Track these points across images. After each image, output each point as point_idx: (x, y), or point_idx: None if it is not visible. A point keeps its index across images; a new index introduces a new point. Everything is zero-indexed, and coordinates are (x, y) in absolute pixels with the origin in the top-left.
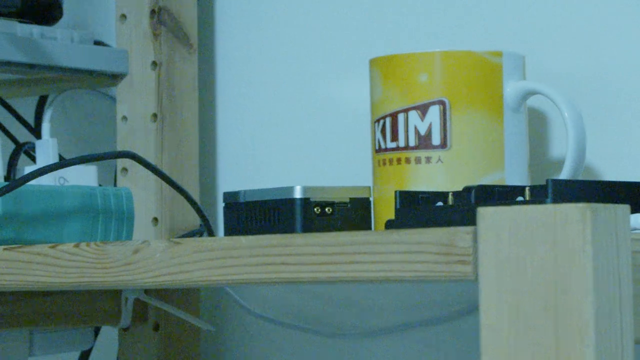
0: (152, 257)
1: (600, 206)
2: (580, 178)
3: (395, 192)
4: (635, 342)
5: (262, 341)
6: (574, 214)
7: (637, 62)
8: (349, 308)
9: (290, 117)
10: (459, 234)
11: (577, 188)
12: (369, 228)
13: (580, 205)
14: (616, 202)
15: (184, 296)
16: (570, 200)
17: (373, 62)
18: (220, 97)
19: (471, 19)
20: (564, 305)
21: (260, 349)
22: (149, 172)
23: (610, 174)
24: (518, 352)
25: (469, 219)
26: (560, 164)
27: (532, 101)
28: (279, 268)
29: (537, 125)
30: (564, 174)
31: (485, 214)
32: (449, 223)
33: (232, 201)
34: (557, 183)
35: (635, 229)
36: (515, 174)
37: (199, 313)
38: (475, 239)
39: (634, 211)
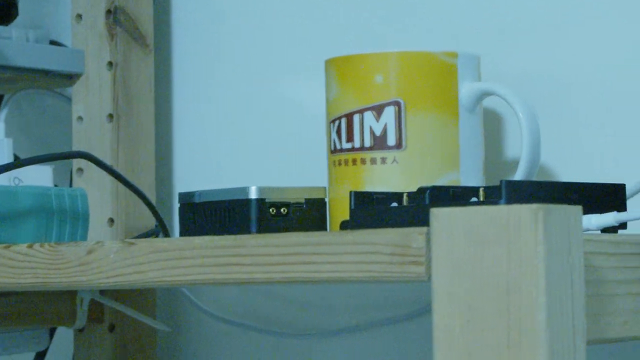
0: (106, 257)
1: (553, 207)
2: (535, 178)
3: (350, 192)
4: (587, 342)
5: (218, 342)
6: (526, 215)
7: (591, 63)
8: (305, 308)
9: (247, 117)
10: (412, 235)
11: (531, 189)
12: (325, 229)
13: (533, 206)
14: (570, 203)
15: (140, 297)
16: (524, 201)
17: (329, 63)
18: (176, 98)
19: (427, 19)
20: (517, 306)
21: (216, 349)
22: (105, 173)
23: (565, 174)
24: (471, 352)
25: (423, 220)
26: (515, 164)
27: (487, 102)
28: (232, 269)
29: (493, 126)
30: (519, 175)
31: (439, 214)
32: (403, 224)
33: (188, 201)
34: (511, 184)
35: (588, 230)
36: (471, 175)
37: (155, 314)
38: (428, 240)
39: (586, 212)
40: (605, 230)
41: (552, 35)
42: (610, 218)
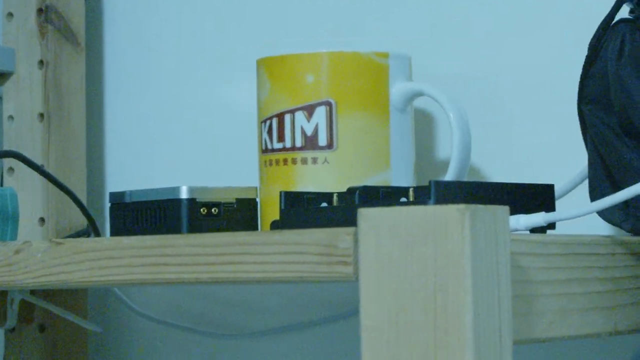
0: (33, 257)
1: (479, 207)
2: (465, 179)
3: (280, 192)
4: (514, 342)
5: (150, 342)
6: (453, 215)
7: (521, 64)
8: (236, 308)
9: (179, 117)
10: (340, 235)
11: (460, 189)
12: (256, 229)
13: (460, 206)
14: (499, 204)
15: (71, 297)
16: (453, 202)
17: (260, 63)
18: (108, 97)
19: (358, 20)
20: (443, 306)
21: (147, 349)
22: (36, 172)
23: (496, 175)
24: (398, 352)
25: (353, 220)
26: (447, 164)
27: (418, 102)
28: (160, 269)
29: (424, 126)
30: (449, 175)
31: (366, 214)
32: (333, 224)
33: (118, 201)
34: (440, 184)
35: (515, 230)
36: (402, 175)
37: (86, 314)
38: (356, 240)
39: (516, 212)
40: (534, 230)
41: (483, 37)
42: (539, 218)
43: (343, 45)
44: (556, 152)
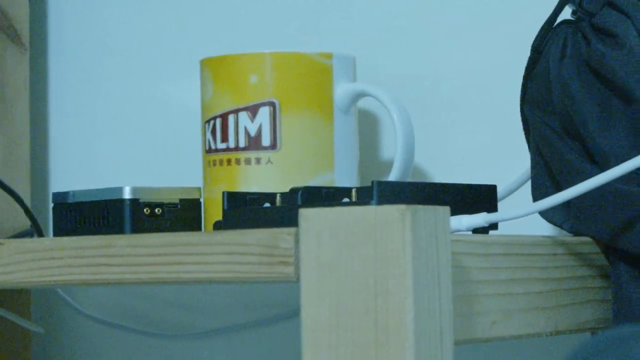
0: None
1: (420, 208)
2: (409, 179)
3: (223, 193)
4: (455, 342)
5: (94, 342)
6: (393, 216)
7: (465, 65)
8: (182, 308)
9: (123, 117)
10: (281, 236)
11: (403, 190)
12: (199, 229)
13: (400, 206)
14: (442, 204)
15: (13, 297)
16: (395, 202)
17: (204, 63)
18: (52, 97)
19: (303, 20)
20: (384, 306)
21: (92, 350)
22: None
23: (440, 175)
24: (339, 352)
25: (295, 221)
26: (391, 165)
27: (363, 102)
28: (101, 269)
29: (368, 127)
30: (393, 176)
31: (307, 215)
32: (275, 224)
33: (61, 202)
34: (382, 184)
35: (458, 231)
36: (345, 175)
37: (29, 315)
38: (297, 240)
39: (458, 213)
40: (477, 231)
41: (427, 38)
42: (480, 219)
43: (287, 45)
44: (500, 153)
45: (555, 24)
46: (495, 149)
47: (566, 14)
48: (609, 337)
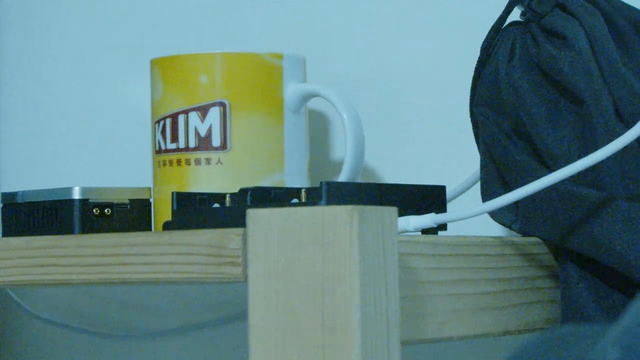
0: None
1: (367, 208)
2: (359, 180)
3: (172, 193)
4: (403, 343)
5: (45, 344)
6: (341, 216)
7: (414, 66)
8: (133, 309)
9: (73, 117)
10: (229, 236)
11: (352, 190)
12: (149, 229)
13: (348, 207)
14: (390, 205)
15: None
16: (344, 203)
17: (154, 63)
18: (1, 96)
19: (253, 21)
20: (331, 307)
21: (42, 351)
22: None
23: (390, 176)
24: (286, 352)
25: (244, 221)
26: (341, 165)
27: (313, 103)
28: (50, 269)
29: (319, 127)
30: (343, 176)
31: (254, 215)
32: (224, 225)
33: (10, 202)
34: (331, 185)
35: (406, 231)
36: (295, 176)
37: None
38: (245, 241)
39: (406, 213)
40: (426, 231)
41: (378, 38)
42: (428, 219)
43: (237, 46)
44: (450, 154)
45: (505, 25)
46: (446, 150)
47: (515, 15)
48: (550, 337)
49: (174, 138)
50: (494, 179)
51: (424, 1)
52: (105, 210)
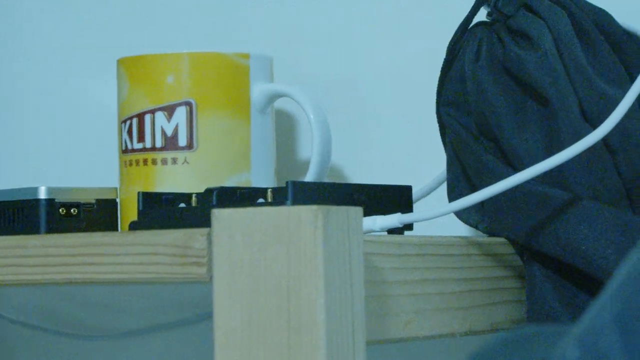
0: None
1: (332, 208)
2: (326, 180)
3: (138, 193)
4: (368, 343)
5: (13, 344)
6: (306, 216)
7: (382, 66)
8: (101, 309)
9: (39, 116)
10: (194, 236)
11: (318, 190)
12: (116, 229)
13: (313, 207)
14: (357, 205)
15: None
16: (310, 202)
17: (121, 62)
18: None
19: (220, 20)
20: (296, 306)
21: (10, 352)
22: None
23: (358, 176)
24: (251, 353)
25: (210, 221)
26: (308, 165)
27: (281, 103)
28: (14, 270)
29: (286, 127)
30: (310, 176)
31: (220, 215)
32: (190, 225)
33: None
34: (297, 185)
35: (371, 231)
36: (262, 175)
37: None
38: (210, 241)
39: (372, 213)
40: (392, 231)
41: (346, 38)
42: (394, 219)
43: (204, 45)
44: (417, 154)
45: (471, 25)
46: (412, 150)
47: (482, 16)
48: (513, 337)
49: (141, 138)
50: (460, 179)
51: (391, 3)
52: (72, 210)
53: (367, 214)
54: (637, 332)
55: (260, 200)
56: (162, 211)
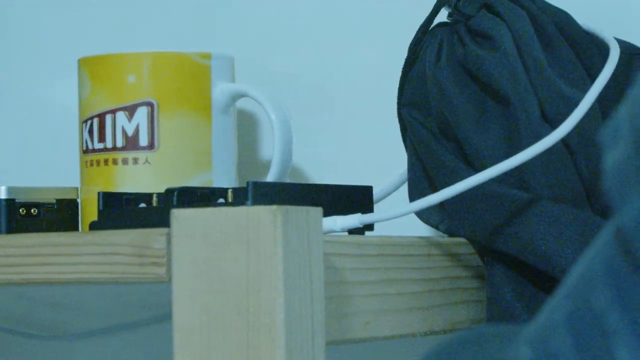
0: None
1: (292, 208)
2: (287, 180)
3: (98, 193)
4: (327, 343)
5: None
6: (265, 216)
7: (343, 66)
8: (58, 309)
9: None
10: (153, 236)
11: (278, 190)
12: (76, 229)
13: (272, 207)
14: (317, 205)
15: None
16: (271, 203)
17: (82, 62)
18: None
19: (181, 20)
20: (256, 307)
21: None
22: None
23: (319, 176)
24: (210, 353)
25: (169, 221)
26: (270, 165)
27: (242, 103)
28: None
29: (248, 127)
30: (271, 176)
31: (179, 215)
32: (150, 225)
33: None
34: (258, 185)
35: (331, 231)
36: (224, 176)
37: None
38: (169, 241)
39: (333, 213)
40: (353, 232)
41: (310, 37)
42: (355, 219)
43: (165, 45)
44: (378, 155)
45: (432, 26)
46: (373, 151)
47: (443, 16)
48: (467, 336)
49: (102, 138)
50: (421, 180)
51: (355, 4)
52: (32, 210)
53: (327, 214)
54: (588, 332)
55: (221, 200)
56: (122, 211)
